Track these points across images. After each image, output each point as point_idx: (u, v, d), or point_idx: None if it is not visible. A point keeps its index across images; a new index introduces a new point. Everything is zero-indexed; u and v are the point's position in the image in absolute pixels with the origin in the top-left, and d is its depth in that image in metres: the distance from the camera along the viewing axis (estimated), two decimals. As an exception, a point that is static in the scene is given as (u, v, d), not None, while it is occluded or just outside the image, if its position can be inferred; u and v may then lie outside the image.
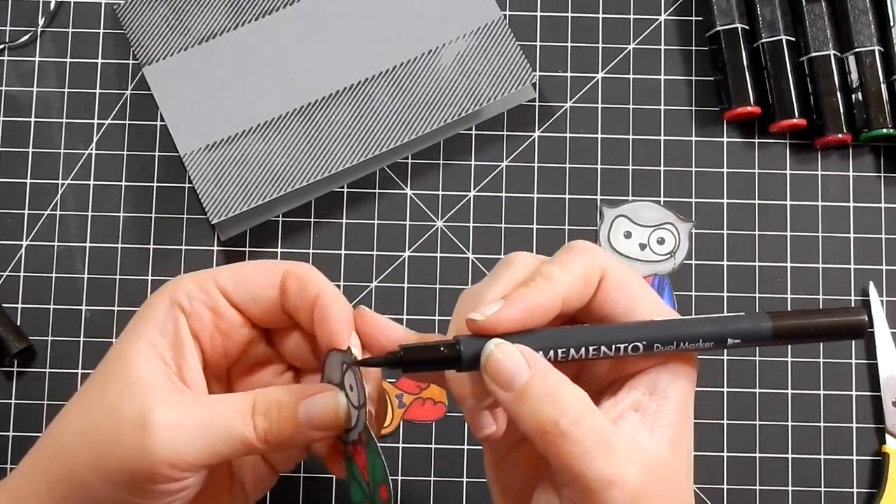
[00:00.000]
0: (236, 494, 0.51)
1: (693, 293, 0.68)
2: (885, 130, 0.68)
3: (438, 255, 0.68)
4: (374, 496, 0.47)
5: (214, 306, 0.49)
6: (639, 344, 0.45)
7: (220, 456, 0.46)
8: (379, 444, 0.46)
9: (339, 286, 0.66)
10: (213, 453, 0.46)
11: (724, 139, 0.70)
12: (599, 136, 0.69)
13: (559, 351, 0.45)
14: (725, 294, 0.68)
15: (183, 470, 0.45)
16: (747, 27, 0.69)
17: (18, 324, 0.67)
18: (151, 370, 0.47)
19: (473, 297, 0.46)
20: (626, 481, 0.42)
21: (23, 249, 0.68)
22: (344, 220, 0.69)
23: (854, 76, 0.68)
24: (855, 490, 0.66)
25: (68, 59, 0.70)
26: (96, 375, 0.48)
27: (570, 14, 0.71)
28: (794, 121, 0.68)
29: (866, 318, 0.47)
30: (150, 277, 0.68)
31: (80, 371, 0.66)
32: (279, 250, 0.68)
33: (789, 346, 0.67)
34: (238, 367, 0.52)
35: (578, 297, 0.46)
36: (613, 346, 0.45)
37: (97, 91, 0.70)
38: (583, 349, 0.45)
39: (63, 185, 0.69)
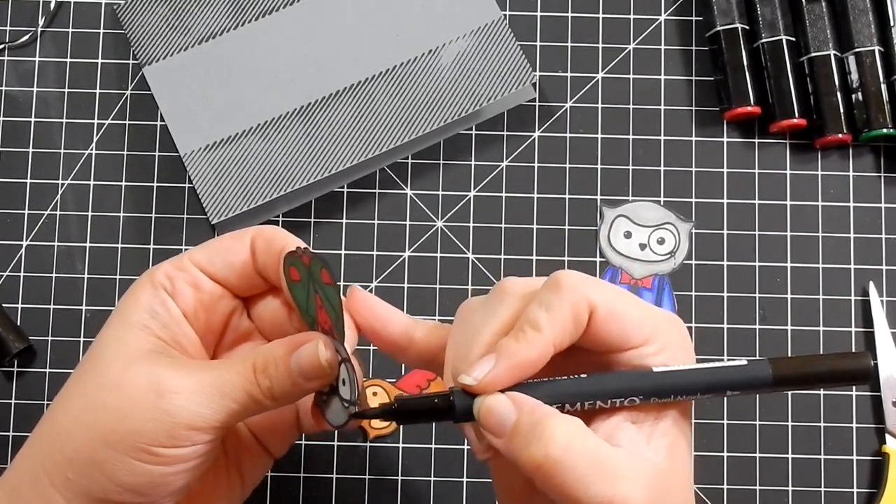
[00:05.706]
0: (233, 479, 0.52)
1: (693, 293, 0.68)
2: (885, 130, 0.68)
3: (438, 255, 0.68)
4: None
5: (194, 281, 0.50)
6: (636, 398, 0.45)
7: (235, 416, 0.47)
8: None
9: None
10: (229, 414, 0.47)
11: (724, 139, 0.70)
12: (599, 136, 0.69)
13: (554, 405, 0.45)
14: (725, 294, 0.68)
15: (203, 432, 0.46)
16: (747, 27, 0.69)
17: (18, 324, 0.67)
18: (150, 347, 0.48)
19: (464, 341, 0.46)
20: (628, 501, 0.42)
21: (23, 249, 0.68)
22: (344, 220, 0.69)
23: (854, 76, 0.68)
24: (855, 490, 0.66)
25: (68, 59, 0.70)
26: (89, 361, 0.49)
27: (570, 14, 0.71)
28: (794, 121, 0.68)
29: (871, 363, 0.47)
30: (150, 277, 0.68)
31: (80, 371, 0.66)
32: (279, 250, 0.68)
33: (789, 345, 0.67)
34: (222, 345, 0.53)
35: (570, 338, 0.45)
36: (609, 401, 0.45)
37: (97, 91, 0.70)
38: (578, 404, 0.45)
39: (63, 185, 0.69)
